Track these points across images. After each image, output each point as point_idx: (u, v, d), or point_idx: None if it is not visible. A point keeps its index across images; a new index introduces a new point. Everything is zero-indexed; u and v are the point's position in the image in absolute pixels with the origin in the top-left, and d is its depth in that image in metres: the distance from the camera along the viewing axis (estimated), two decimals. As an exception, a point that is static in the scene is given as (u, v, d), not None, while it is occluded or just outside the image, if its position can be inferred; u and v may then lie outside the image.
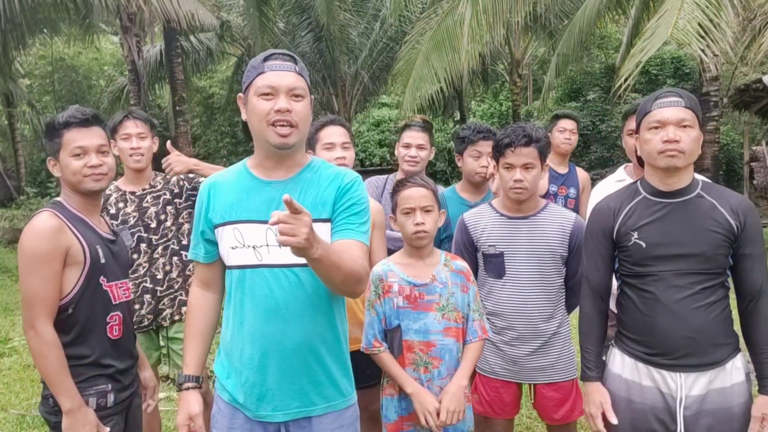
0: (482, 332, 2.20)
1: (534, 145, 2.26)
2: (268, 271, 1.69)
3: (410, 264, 2.21)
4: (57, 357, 1.85)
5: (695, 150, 1.87)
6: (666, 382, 1.89)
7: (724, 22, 5.18)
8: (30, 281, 1.85)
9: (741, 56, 7.17)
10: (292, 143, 1.68)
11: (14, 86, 14.60)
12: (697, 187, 1.92)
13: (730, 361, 1.88)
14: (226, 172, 1.86)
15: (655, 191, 1.94)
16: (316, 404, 1.75)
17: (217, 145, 17.84)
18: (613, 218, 2.00)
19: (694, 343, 1.85)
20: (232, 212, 1.73)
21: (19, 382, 4.55)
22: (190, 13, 9.83)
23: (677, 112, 1.86)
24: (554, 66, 11.36)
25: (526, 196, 2.32)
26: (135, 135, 2.80)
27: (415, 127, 3.07)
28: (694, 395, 1.86)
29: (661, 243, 1.88)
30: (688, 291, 1.85)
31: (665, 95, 1.91)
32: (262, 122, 1.66)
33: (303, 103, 1.69)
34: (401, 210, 2.19)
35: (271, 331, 1.69)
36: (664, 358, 1.89)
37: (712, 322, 1.85)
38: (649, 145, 1.89)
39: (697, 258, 1.85)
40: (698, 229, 1.86)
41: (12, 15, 9.68)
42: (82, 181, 1.96)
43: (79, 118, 1.96)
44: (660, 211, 1.91)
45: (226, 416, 1.77)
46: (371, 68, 13.59)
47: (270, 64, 1.67)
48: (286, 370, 1.71)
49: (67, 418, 1.86)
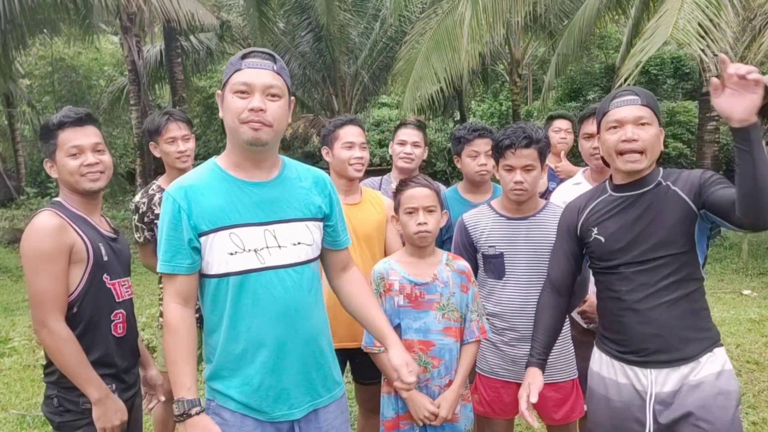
0: (480, 333, 2.21)
1: (534, 147, 2.25)
2: (273, 273, 1.68)
3: (412, 263, 2.22)
4: (75, 351, 1.86)
5: (656, 146, 1.86)
6: (639, 378, 1.89)
7: (724, 22, 5.18)
8: (37, 280, 1.85)
9: (741, 56, 7.16)
10: (264, 139, 1.64)
11: (14, 86, 14.59)
12: (657, 176, 1.90)
13: (705, 354, 1.84)
14: (195, 175, 1.74)
15: (617, 187, 1.96)
16: (322, 396, 1.78)
17: (217, 145, 17.85)
18: (577, 215, 2.03)
19: (660, 340, 1.84)
20: (224, 217, 1.65)
21: (19, 382, 4.55)
22: (190, 13, 9.84)
23: (634, 111, 1.85)
24: (554, 66, 11.35)
25: (526, 198, 2.32)
26: (180, 138, 2.81)
27: (410, 125, 3.12)
28: (667, 391, 1.84)
29: (618, 237, 1.89)
30: (651, 288, 1.85)
31: (621, 94, 1.90)
32: (235, 120, 1.62)
33: (279, 103, 1.66)
34: (404, 209, 2.20)
35: (281, 331, 1.69)
36: (635, 355, 1.89)
37: (677, 318, 1.83)
38: (608, 145, 1.90)
39: (651, 243, 1.84)
40: (655, 215, 1.85)
41: (12, 15, 9.69)
42: (79, 181, 1.96)
43: (73, 118, 1.96)
44: (620, 205, 1.93)
45: (234, 426, 1.69)
46: (371, 68, 13.59)
47: (248, 61, 1.65)
48: (299, 368, 1.73)
49: (97, 407, 1.87)
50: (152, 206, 2.79)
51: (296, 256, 1.72)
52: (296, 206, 1.74)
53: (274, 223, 1.70)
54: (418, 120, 3.34)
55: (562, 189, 2.90)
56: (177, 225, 1.65)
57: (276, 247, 1.69)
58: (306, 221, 1.75)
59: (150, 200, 2.80)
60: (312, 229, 1.77)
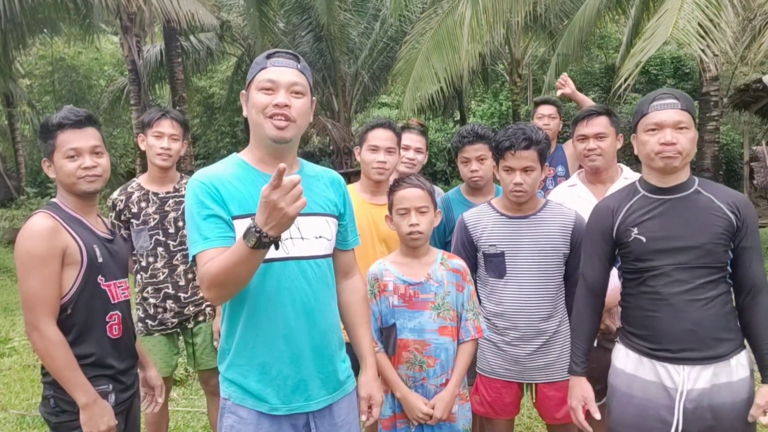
0: (476, 332, 2.21)
1: (534, 148, 2.25)
2: (296, 264, 1.71)
3: (405, 263, 2.22)
4: (65, 355, 1.85)
5: (692, 150, 1.90)
6: (670, 375, 1.90)
7: (724, 22, 5.17)
8: (29, 283, 1.85)
9: (741, 56, 7.17)
10: (288, 137, 1.69)
11: (14, 86, 14.57)
12: (694, 184, 1.94)
13: (734, 356, 1.89)
14: (220, 167, 1.76)
15: (654, 188, 1.97)
16: (336, 390, 1.80)
17: (217, 145, 17.84)
18: (612, 217, 2.02)
19: (694, 336, 1.86)
20: (252, 204, 1.62)
21: (19, 382, 4.56)
22: (190, 13, 9.83)
23: (674, 115, 1.88)
24: (554, 66, 11.34)
25: (526, 199, 2.32)
26: (168, 135, 2.78)
27: (413, 130, 3.10)
28: (699, 388, 1.86)
29: (661, 237, 1.90)
30: (688, 285, 1.87)
31: (661, 97, 1.92)
32: (260, 114, 1.68)
33: (303, 100, 1.72)
34: (396, 210, 2.20)
35: (302, 321, 1.71)
36: (667, 351, 1.90)
37: (712, 316, 1.87)
38: (647, 147, 1.92)
39: (697, 251, 1.87)
40: (698, 222, 1.88)
41: (12, 15, 9.69)
42: (76, 183, 1.95)
43: (73, 120, 1.94)
44: (659, 207, 1.94)
45: (251, 424, 1.70)
46: (371, 68, 13.58)
47: (273, 60, 1.71)
48: (316, 360, 1.74)
49: (85, 412, 1.86)
50: (129, 204, 2.77)
51: (318, 249, 1.75)
52: (317, 201, 1.78)
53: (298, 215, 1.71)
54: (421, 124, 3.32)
55: (557, 191, 2.90)
56: (206, 204, 1.62)
57: (299, 238, 1.71)
58: (326, 216, 1.80)
59: (128, 198, 2.78)
60: (331, 224, 1.81)
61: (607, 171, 2.70)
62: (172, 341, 2.89)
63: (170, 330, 2.84)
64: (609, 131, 2.66)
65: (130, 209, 2.77)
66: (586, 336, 2.10)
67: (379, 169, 2.63)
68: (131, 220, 2.77)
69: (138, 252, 2.80)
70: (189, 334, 2.90)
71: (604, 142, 2.64)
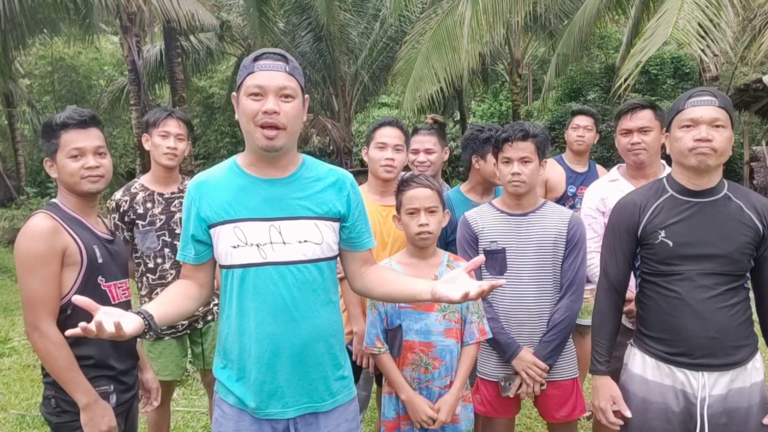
0: (480, 335, 2.20)
1: (531, 140, 2.27)
2: (274, 269, 1.69)
3: (412, 264, 2.22)
4: (65, 355, 1.85)
5: (727, 150, 1.85)
6: (689, 381, 1.88)
7: (724, 22, 5.17)
8: (29, 283, 1.84)
9: (741, 56, 7.17)
10: (279, 146, 1.66)
11: (14, 86, 14.59)
12: (724, 188, 1.90)
13: (750, 361, 1.88)
14: (214, 171, 1.80)
15: (683, 190, 1.92)
16: (325, 400, 1.76)
17: (216, 145, 17.86)
18: (639, 215, 1.97)
19: (717, 343, 1.84)
20: (230, 210, 1.70)
21: (19, 382, 4.55)
22: (190, 13, 9.83)
23: (710, 112, 1.83)
24: (554, 66, 11.35)
25: (524, 190, 2.32)
26: (174, 135, 2.77)
27: (422, 130, 3.01)
28: (716, 395, 1.86)
29: (688, 243, 1.87)
30: (713, 291, 1.84)
31: (699, 94, 1.88)
32: (250, 123, 1.65)
33: (293, 104, 1.67)
34: (405, 210, 2.20)
35: (279, 328, 1.69)
36: (687, 357, 1.88)
37: (735, 322, 1.85)
38: (681, 143, 1.86)
39: (723, 259, 1.85)
40: (726, 230, 1.85)
41: (12, 15, 9.68)
42: (79, 183, 1.95)
43: (77, 120, 1.94)
44: (688, 210, 1.89)
45: (231, 419, 1.74)
46: (371, 68, 13.58)
47: (260, 63, 1.66)
48: (295, 367, 1.71)
49: (85, 413, 1.86)
50: (135, 205, 2.75)
51: (301, 253, 1.71)
52: (306, 204, 1.73)
53: (280, 220, 1.70)
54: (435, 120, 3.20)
55: (597, 186, 2.85)
56: (188, 218, 1.77)
57: (280, 243, 1.69)
58: (316, 220, 1.73)
59: (133, 198, 2.76)
60: (323, 228, 1.74)
61: (651, 166, 2.66)
62: (182, 344, 2.88)
63: (180, 333, 2.83)
64: (653, 125, 2.61)
65: (136, 210, 2.75)
66: (609, 334, 2.04)
67: (387, 166, 2.59)
68: (137, 221, 2.74)
69: (144, 254, 2.76)
70: (198, 333, 2.90)
71: (649, 137, 2.60)
